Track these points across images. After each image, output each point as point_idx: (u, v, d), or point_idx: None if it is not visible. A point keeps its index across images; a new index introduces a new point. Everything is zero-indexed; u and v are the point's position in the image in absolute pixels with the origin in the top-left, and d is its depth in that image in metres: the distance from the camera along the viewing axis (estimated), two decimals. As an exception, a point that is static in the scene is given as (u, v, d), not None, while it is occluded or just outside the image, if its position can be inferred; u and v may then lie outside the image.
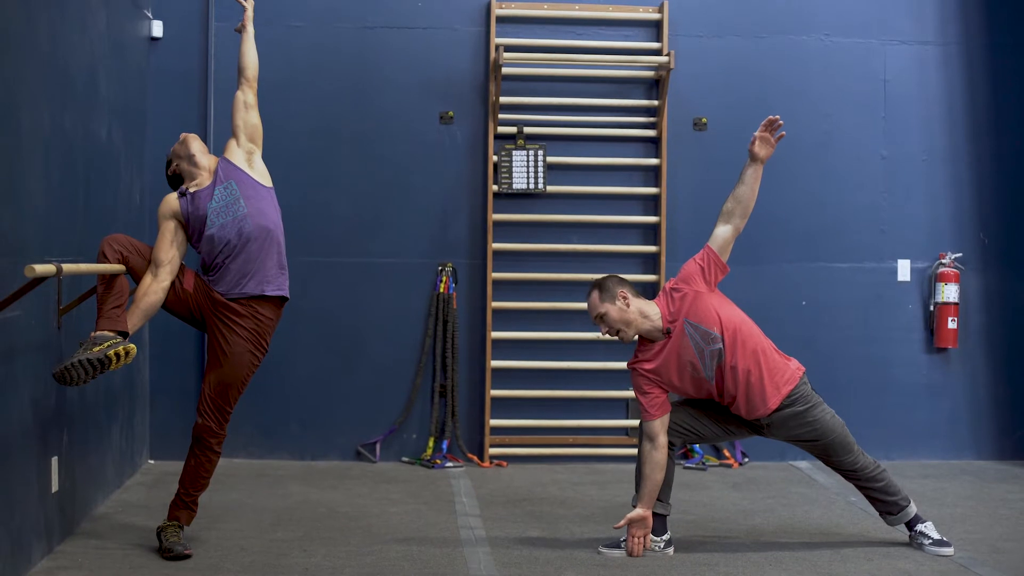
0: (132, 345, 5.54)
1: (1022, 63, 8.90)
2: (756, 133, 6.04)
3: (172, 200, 6.01)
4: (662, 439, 5.95)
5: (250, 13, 6.39)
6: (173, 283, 5.85)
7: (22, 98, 5.33)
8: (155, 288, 5.80)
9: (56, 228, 5.84)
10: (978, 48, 8.90)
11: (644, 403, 5.98)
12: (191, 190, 5.99)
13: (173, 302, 5.90)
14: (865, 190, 8.79)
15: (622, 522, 5.99)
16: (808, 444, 6.13)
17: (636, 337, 6.06)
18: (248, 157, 6.13)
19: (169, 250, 5.89)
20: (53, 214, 5.80)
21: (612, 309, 5.97)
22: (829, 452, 6.12)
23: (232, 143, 6.19)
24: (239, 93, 6.26)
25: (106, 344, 5.43)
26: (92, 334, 5.50)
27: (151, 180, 8.15)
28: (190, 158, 6.07)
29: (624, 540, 6.05)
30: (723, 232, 6.08)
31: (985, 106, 8.92)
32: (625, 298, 5.98)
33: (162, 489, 7.18)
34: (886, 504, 6.21)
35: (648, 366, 5.98)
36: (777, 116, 6.05)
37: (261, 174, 6.12)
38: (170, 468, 7.71)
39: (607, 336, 6.07)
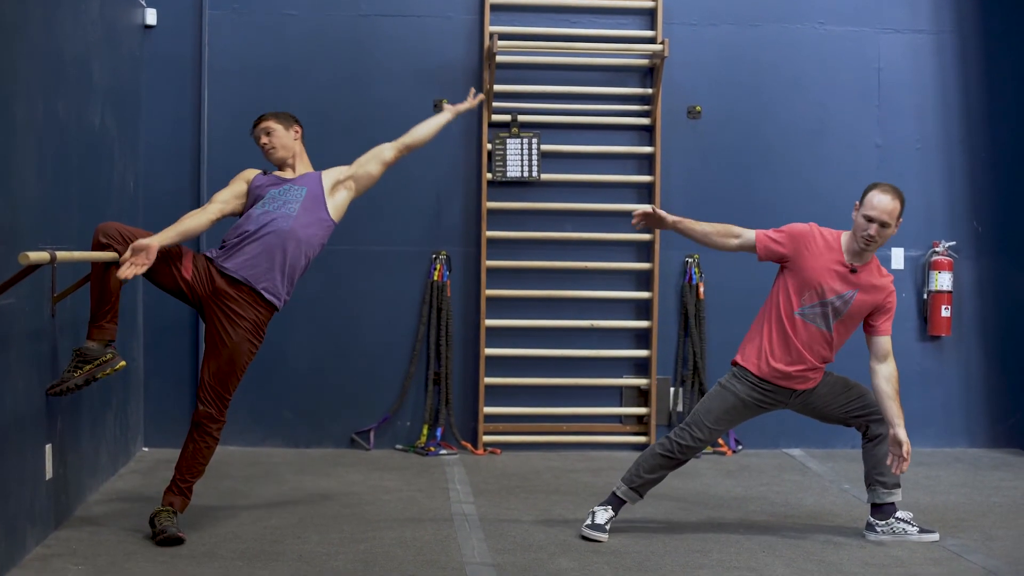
0: (123, 362, 5.81)
1: (1015, 51, 8.91)
2: None
3: (252, 171, 6.28)
4: (732, 243, 6.22)
5: (464, 108, 6.75)
6: (170, 265, 5.84)
7: (15, 85, 5.32)
8: (199, 218, 6.00)
9: (50, 215, 5.83)
10: (972, 36, 8.91)
11: (771, 230, 6.20)
12: (275, 173, 6.27)
13: (167, 279, 5.88)
14: (859, 178, 8.73)
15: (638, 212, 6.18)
16: (843, 398, 6.21)
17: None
18: (335, 187, 6.25)
19: (226, 194, 6.16)
20: (47, 201, 5.79)
21: (893, 231, 6.04)
22: (864, 391, 6.21)
23: (339, 169, 6.33)
24: (387, 147, 6.45)
25: (95, 364, 5.68)
26: (86, 344, 5.71)
27: (145, 167, 8.16)
28: (286, 163, 6.31)
29: (599, 524, 6.07)
30: (883, 371, 6.16)
31: (979, 94, 8.92)
32: (896, 228, 6.11)
33: (156, 476, 7.18)
34: (894, 474, 6.17)
35: (813, 245, 6.12)
36: None
37: (336, 206, 6.25)
38: (164, 456, 7.71)
39: (873, 234, 6.00)
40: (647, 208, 6.13)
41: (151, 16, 8.27)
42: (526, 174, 8.53)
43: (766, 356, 6.06)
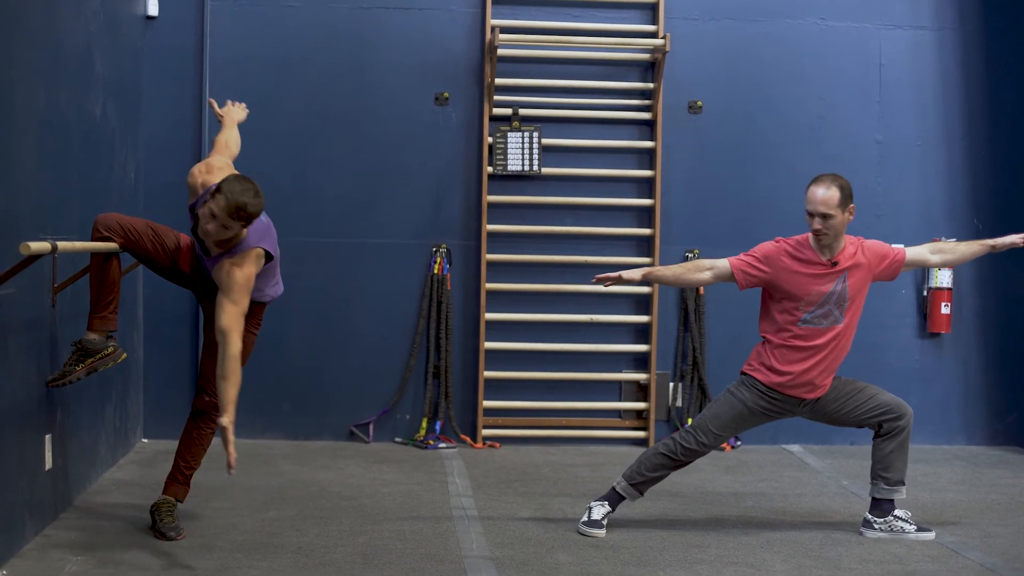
0: (124, 354, 5.81)
1: (1017, 47, 8.90)
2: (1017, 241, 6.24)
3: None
4: (706, 276, 6.15)
5: None
6: (170, 259, 5.80)
7: (17, 76, 5.32)
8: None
9: (50, 206, 5.83)
10: (973, 33, 8.90)
11: (742, 255, 6.08)
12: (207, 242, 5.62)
13: (165, 265, 5.84)
14: (859, 174, 8.77)
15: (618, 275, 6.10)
16: (853, 401, 6.17)
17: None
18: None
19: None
20: (48, 192, 5.79)
21: (840, 218, 5.96)
22: (874, 391, 6.18)
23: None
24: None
25: (98, 357, 5.64)
26: (87, 335, 5.65)
27: (145, 158, 8.15)
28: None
29: (595, 519, 6.07)
30: (920, 252, 6.25)
31: (980, 91, 8.92)
32: (852, 214, 6.02)
33: (156, 467, 7.19)
34: (899, 471, 6.16)
35: (787, 263, 6.02)
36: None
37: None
38: (164, 447, 7.71)
39: (819, 228, 5.97)
40: (613, 275, 6.08)
41: (153, 7, 8.26)
42: (527, 168, 8.53)
43: (775, 365, 6.04)
